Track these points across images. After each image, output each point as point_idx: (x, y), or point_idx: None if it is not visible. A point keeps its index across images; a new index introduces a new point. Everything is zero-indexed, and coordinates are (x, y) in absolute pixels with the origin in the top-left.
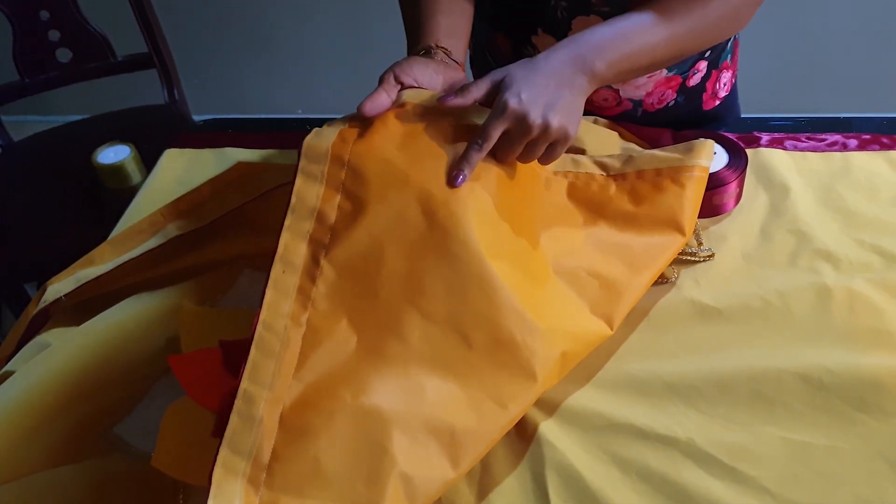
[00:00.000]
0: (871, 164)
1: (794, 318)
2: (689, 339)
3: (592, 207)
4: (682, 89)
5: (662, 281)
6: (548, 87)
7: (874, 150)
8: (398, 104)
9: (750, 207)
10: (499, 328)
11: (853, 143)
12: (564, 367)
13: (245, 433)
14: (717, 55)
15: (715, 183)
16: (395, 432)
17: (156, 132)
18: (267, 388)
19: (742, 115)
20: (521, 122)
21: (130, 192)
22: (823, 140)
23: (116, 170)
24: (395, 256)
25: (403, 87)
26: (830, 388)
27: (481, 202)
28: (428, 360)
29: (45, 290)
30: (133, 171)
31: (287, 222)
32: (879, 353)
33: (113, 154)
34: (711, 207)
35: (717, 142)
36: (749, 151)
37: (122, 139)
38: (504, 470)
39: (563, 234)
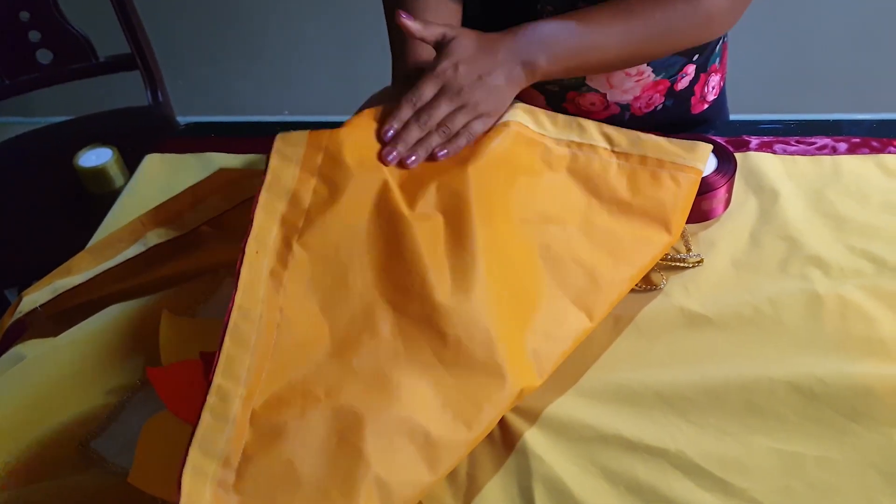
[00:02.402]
0: (861, 167)
1: (785, 326)
2: (679, 348)
3: (590, 187)
4: (671, 93)
5: (651, 288)
6: (485, 67)
7: (864, 153)
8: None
9: (739, 212)
10: (473, 325)
11: (843, 146)
12: (542, 366)
13: (217, 433)
14: (706, 59)
15: (704, 188)
16: (369, 435)
17: (139, 134)
18: (242, 383)
19: (731, 118)
20: (453, 88)
21: (113, 196)
22: (813, 143)
23: (98, 173)
24: (369, 247)
25: None
26: (822, 397)
27: (455, 198)
28: (402, 356)
29: (20, 301)
30: (115, 174)
31: (261, 199)
32: (871, 362)
33: (95, 157)
34: (700, 212)
35: None
36: (738, 155)
37: (105, 142)
38: (490, 482)
39: (557, 215)
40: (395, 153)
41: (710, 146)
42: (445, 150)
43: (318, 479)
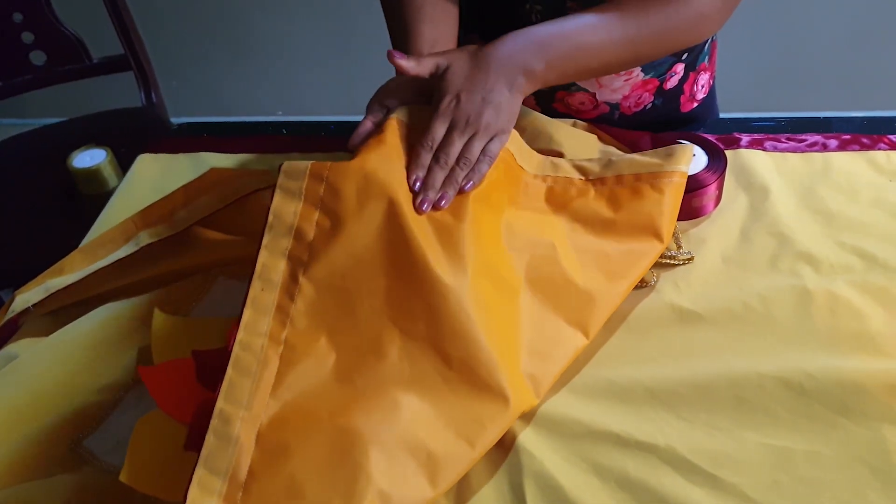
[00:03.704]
0: (851, 164)
1: (775, 322)
2: (669, 344)
3: (570, 213)
4: (660, 92)
5: (642, 285)
6: (485, 87)
7: (854, 150)
8: (383, 123)
9: (730, 209)
10: (477, 347)
11: (833, 143)
12: (539, 387)
13: (221, 452)
14: (695, 57)
15: (694, 185)
16: (372, 451)
17: (133, 135)
18: (243, 407)
19: (722, 116)
20: (459, 121)
21: (107, 197)
22: (803, 141)
23: (92, 174)
24: (375, 273)
25: (389, 110)
26: (812, 392)
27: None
28: (407, 378)
29: (13, 300)
30: (109, 175)
31: (265, 241)
32: (860, 357)
33: (89, 158)
34: (691, 210)
35: (696, 143)
36: (729, 153)
37: (99, 143)
38: (481, 479)
39: (544, 242)
40: (427, 201)
41: (690, 145)
42: (471, 182)
43: (322, 494)
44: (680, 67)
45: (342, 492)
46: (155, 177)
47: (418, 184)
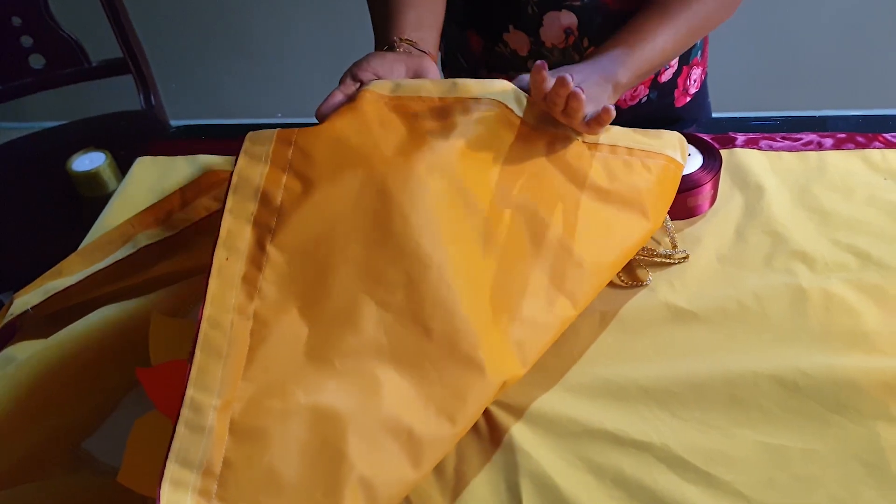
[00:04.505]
0: (846, 163)
1: (769, 320)
2: (664, 343)
3: (570, 174)
4: (654, 85)
5: (637, 284)
6: (582, 76)
7: (849, 148)
8: (354, 97)
9: (725, 209)
10: (458, 318)
11: (828, 142)
12: (526, 356)
13: (194, 444)
14: (688, 51)
15: (689, 184)
16: (351, 435)
17: (132, 138)
18: (215, 394)
19: (717, 115)
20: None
21: (106, 200)
22: (799, 139)
23: (92, 177)
24: (349, 241)
25: (362, 83)
26: (806, 390)
27: (440, 183)
28: (386, 352)
29: (12, 303)
30: (109, 178)
31: (228, 204)
32: (855, 355)
33: (88, 161)
34: (686, 209)
35: (692, 143)
36: (724, 152)
37: (98, 146)
38: (477, 478)
39: (541, 200)
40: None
41: (679, 134)
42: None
43: (302, 482)
44: (674, 61)
45: (323, 481)
46: (153, 179)
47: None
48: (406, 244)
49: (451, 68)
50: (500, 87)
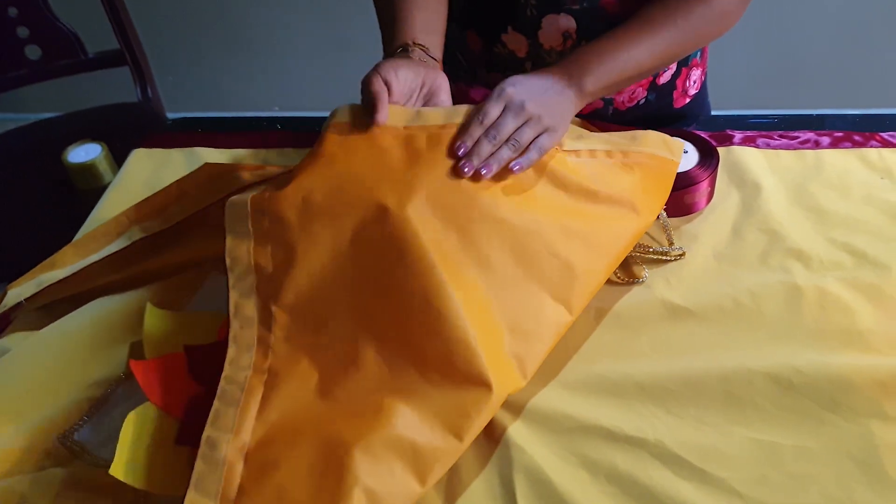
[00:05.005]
0: (843, 161)
1: (765, 318)
2: (660, 340)
3: (555, 180)
4: (653, 87)
5: (633, 281)
6: (541, 88)
7: (846, 147)
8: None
9: (722, 206)
10: (451, 340)
11: (826, 140)
12: (525, 367)
13: (211, 475)
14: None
15: (686, 182)
16: (356, 453)
17: (128, 130)
18: (230, 431)
19: (715, 113)
20: (515, 104)
21: (102, 192)
22: (796, 138)
23: (87, 169)
24: (337, 290)
25: (390, 87)
26: (800, 388)
27: (416, 216)
28: (387, 381)
29: (5, 295)
30: (104, 170)
31: (231, 281)
32: (849, 353)
33: (84, 153)
34: (683, 206)
35: (689, 140)
36: (721, 150)
37: (94, 138)
38: (472, 474)
39: (528, 209)
40: (469, 166)
41: (659, 133)
42: (519, 164)
43: (309, 497)
44: (672, 63)
45: (329, 492)
46: (149, 172)
47: (462, 149)
48: (387, 279)
49: (450, 66)
50: (463, 111)
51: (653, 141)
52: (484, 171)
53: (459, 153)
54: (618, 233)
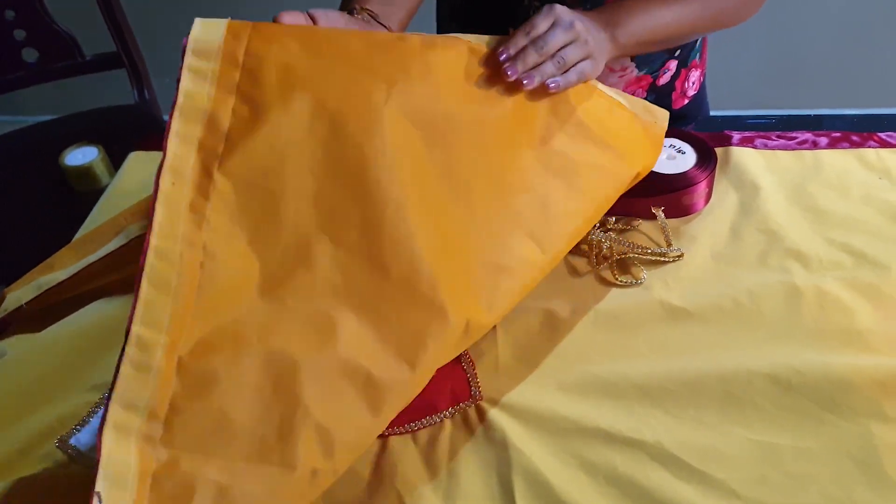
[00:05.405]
0: (841, 162)
1: (764, 318)
2: (659, 341)
3: (550, 104)
4: (653, 88)
5: (631, 282)
6: (585, 17)
7: (844, 147)
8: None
9: (720, 207)
10: (418, 259)
11: (824, 141)
12: (492, 300)
13: (139, 385)
14: (686, 54)
15: (684, 183)
16: (305, 378)
17: (125, 133)
18: (164, 331)
19: (713, 113)
20: (565, 21)
21: (99, 194)
22: (794, 138)
23: (85, 171)
24: (302, 173)
25: (316, 21)
26: (799, 388)
27: (400, 120)
28: (341, 291)
29: (3, 298)
30: (102, 172)
31: (174, 126)
32: (849, 353)
33: (81, 155)
34: (681, 207)
35: (686, 141)
36: (719, 150)
37: (91, 140)
38: (470, 475)
39: (512, 136)
40: (513, 70)
41: (660, 109)
42: (558, 82)
43: (254, 427)
44: (672, 64)
45: (276, 427)
46: (146, 174)
47: (505, 54)
48: (362, 179)
49: None
50: (461, 36)
51: (651, 111)
52: (526, 82)
53: (501, 58)
54: (600, 177)
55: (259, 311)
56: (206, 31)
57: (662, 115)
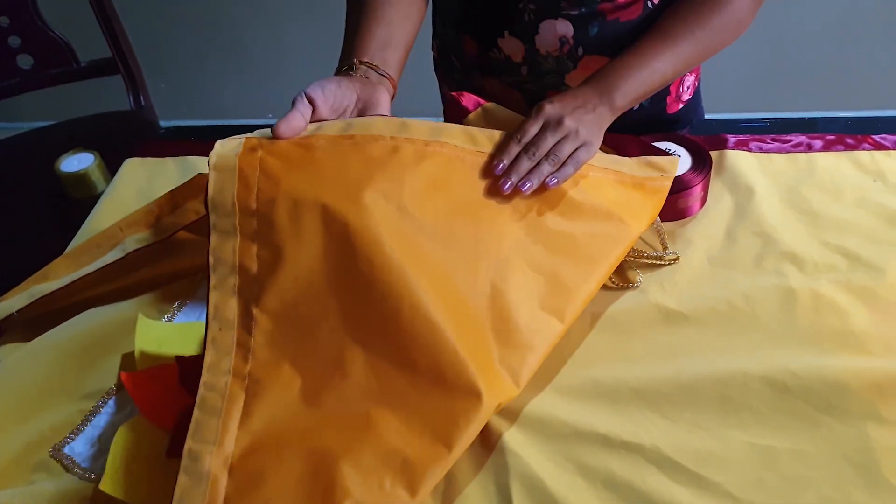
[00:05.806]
0: (835, 164)
1: (759, 321)
2: (655, 344)
3: (536, 193)
4: None
5: (627, 285)
6: (575, 104)
7: (839, 150)
8: (305, 133)
9: (715, 210)
10: (440, 349)
11: (818, 143)
12: (518, 376)
13: (195, 489)
14: None
15: (680, 186)
16: (344, 465)
17: (121, 139)
18: (212, 443)
19: (708, 117)
20: (553, 120)
21: (94, 201)
22: (788, 141)
23: (80, 178)
24: (324, 294)
25: (315, 106)
26: (795, 391)
27: (403, 229)
28: (376, 392)
29: None
30: (97, 179)
31: (213, 282)
32: (844, 356)
33: (77, 162)
34: (676, 211)
35: (681, 145)
36: (714, 154)
37: (87, 146)
38: (468, 480)
39: (506, 227)
40: (509, 183)
41: (648, 158)
42: (556, 179)
43: None
44: None
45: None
46: (142, 181)
47: (500, 166)
48: (375, 285)
49: (444, 69)
50: (450, 131)
51: (656, 165)
52: (525, 188)
53: (497, 171)
54: (605, 243)
55: (301, 416)
56: (222, 192)
57: (670, 163)
